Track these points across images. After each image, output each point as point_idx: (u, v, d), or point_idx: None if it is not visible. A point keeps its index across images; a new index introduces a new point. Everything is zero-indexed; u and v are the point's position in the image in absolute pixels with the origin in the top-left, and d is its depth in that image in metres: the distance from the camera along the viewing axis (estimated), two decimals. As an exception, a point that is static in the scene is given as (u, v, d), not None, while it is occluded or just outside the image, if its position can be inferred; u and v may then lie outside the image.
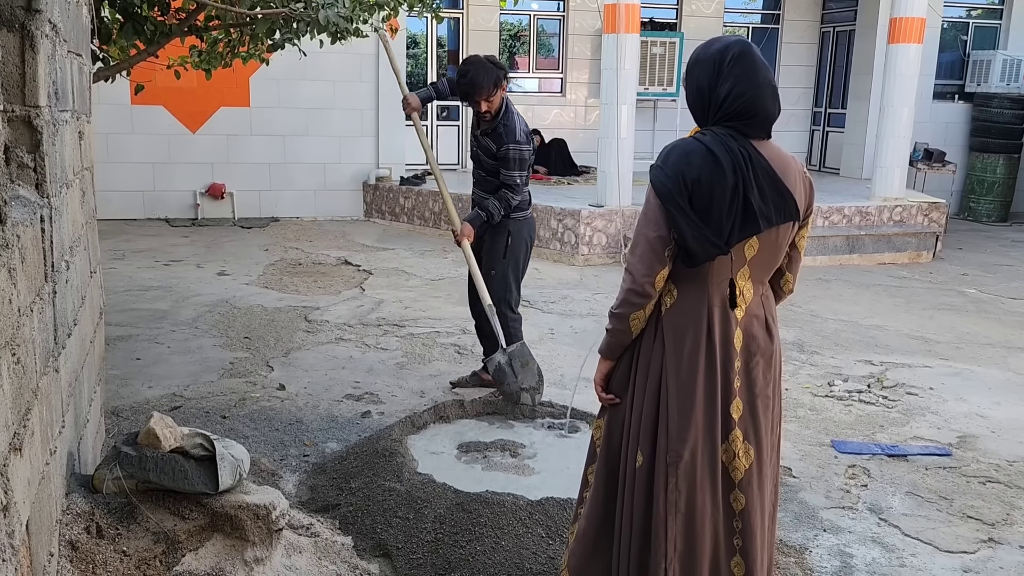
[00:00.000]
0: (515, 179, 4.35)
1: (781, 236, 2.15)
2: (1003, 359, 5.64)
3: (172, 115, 9.83)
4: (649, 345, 2.19)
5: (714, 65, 2.11)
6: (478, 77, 4.19)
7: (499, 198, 4.38)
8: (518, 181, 4.36)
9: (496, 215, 4.37)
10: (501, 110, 4.31)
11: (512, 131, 4.28)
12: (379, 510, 3.10)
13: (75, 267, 2.67)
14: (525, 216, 4.50)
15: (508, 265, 4.45)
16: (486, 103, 4.25)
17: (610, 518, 2.27)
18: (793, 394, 4.79)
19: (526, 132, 4.36)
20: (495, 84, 4.21)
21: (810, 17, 12.76)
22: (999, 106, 11.82)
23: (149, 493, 2.43)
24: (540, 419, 4.16)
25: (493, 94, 4.23)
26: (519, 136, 4.29)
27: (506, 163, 4.32)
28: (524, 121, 4.41)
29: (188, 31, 4.91)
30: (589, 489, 2.34)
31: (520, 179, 4.37)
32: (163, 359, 5.07)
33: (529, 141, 4.36)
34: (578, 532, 2.34)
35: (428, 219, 9.83)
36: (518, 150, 4.29)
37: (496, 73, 4.21)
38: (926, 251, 9.12)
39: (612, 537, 2.27)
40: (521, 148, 4.30)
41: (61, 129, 2.45)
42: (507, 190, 4.38)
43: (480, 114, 4.34)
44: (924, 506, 3.54)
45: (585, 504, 2.34)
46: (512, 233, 4.43)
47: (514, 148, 4.29)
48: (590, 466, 2.37)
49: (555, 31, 12.24)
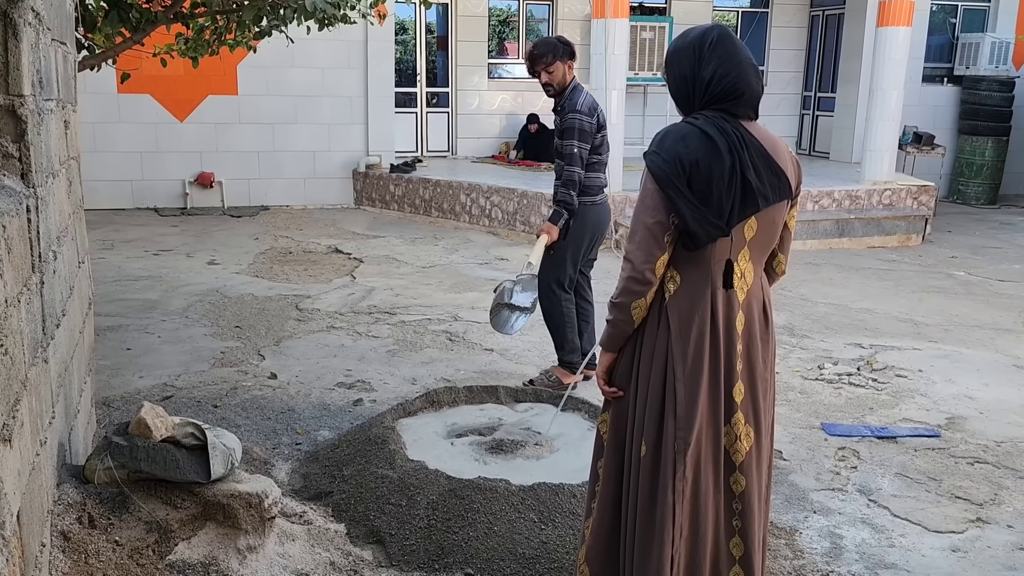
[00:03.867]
0: (572, 148, 4.24)
1: (777, 215, 2.16)
2: (991, 341, 5.68)
3: (159, 104, 9.76)
4: (653, 333, 2.16)
5: (694, 51, 2.11)
6: (538, 47, 4.33)
7: (563, 181, 4.29)
8: (574, 150, 4.23)
9: (569, 199, 4.27)
10: (568, 88, 4.34)
11: (574, 103, 4.28)
12: (372, 497, 3.11)
13: (63, 257, 2.65)
14: (593, 201, 4.41)
15: (567, 247, 4.39)
16: (546, 74, 4.30)
17: (621, 510, 2.28)
18: (784, 377, 4.81)
19: (590, 105, 4.31)
20: (554, 55, 4.27)
21: (799, 1, 12.74)
22: (988, 89, 11.85)
23: (141, 483, 2.43)
24: (530, 403, 4.18)
25: (552, 64, 4.28)
26: (580, 106, 4.26)
27: (565, 133, 4.26)
28: (593, 99, 4.36)
29: (174, 18, 4.87)
30: (599, 483, 2.34)
31: (575, 149, 4.23)
32: (154, 349, 5.06)
33: (592, 115, 4.30)
34: (593, 526, 2.33)
35: (419, 207, 9.81)
36: (577, 118, 4.24)
37: (557, 46, 4.31)
38: (915, 234, 9.16)
39: None
40: (581, 117, 4.24)
41: (46, 118, 2.43)
42: (562, 162, 4.27)
43: (544, 87, 4.39)
44: (913, 487, 3.57)
45: (597, 498, 2.34)
46: (578, 214, 4.36)
47: (572, 116, 4.25)
48: (599, 460, 2.36)
49: (544, 16, 12.18)
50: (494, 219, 9.09)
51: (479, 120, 11.84)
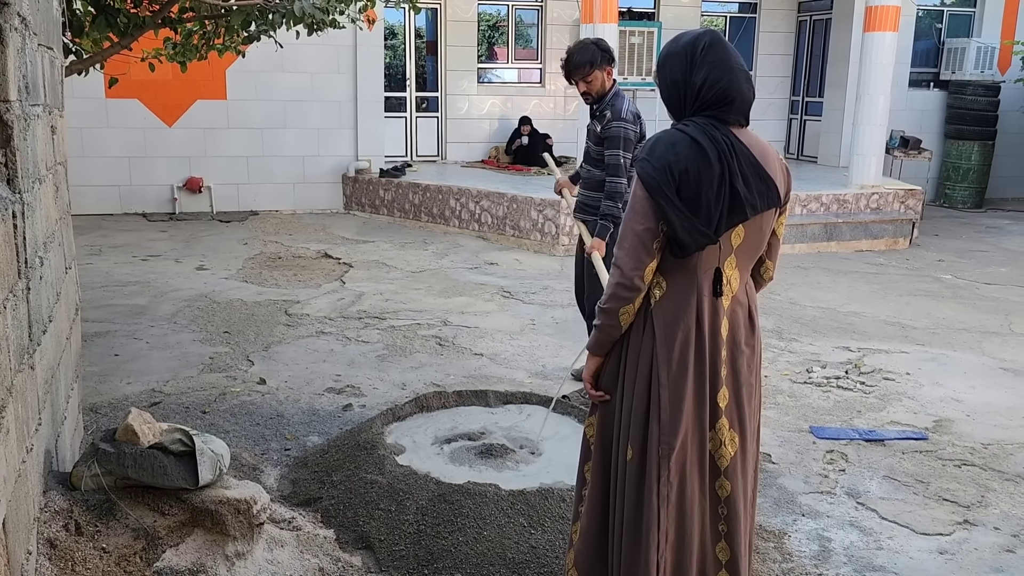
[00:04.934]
0: (618, 159, 4.16)
1: (764, 223, 2.17)
2: (978, 344, 5.72)
3: (148, 108, 9.72)
4: (638, 338, 2.18)
5: (686, 56, 2.12)
6: (574, 55, 4.22)
7: (607, 193, 4.19)
8: (619, 160, 4.15)
9: (616, 212, 4.16)
10: (608, 94, 4.25)
11: (618, 111, 4.18)
12: (361, 503, 3.10)
13: (49, 263, 2.64)
14: None
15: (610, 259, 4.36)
16: (584, 83, 4.21)
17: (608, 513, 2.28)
18: (772, 381, 4.83)
19: (634, 113, 4.21)
20: (592, 64, 4.16)
21: (787, 6, 12.81)
22: (973, 93, 11.93)
23: (128, 489, 2.42)
24: (518, 405, 4.18)
25: (589, 73, 4.18)
26: (625, 114, 4.17)
27: (610, 142, 4.17)
28: (635, 106, 4.29)
29: (162, 23, 4.86)
30: (587, 487, 2.34)
31: (624, 160, 4.15)
32: (142, 355, 5.04)
33: (636, 123, 4.22)
34: (582, 531, 2.34)
35: (408, 211, 9.81)
36: (622, 127, 4.15)
37: (596, 54, 4.18)
38: (903, 238, 9.22)
39: None
40: (626, 126, 4.15)
41: (32, 124, 2.42)
42: (611, 176, 4.18)
43: (583, 95, 4.30)
44: (901, 490, 3.59)
45: (584, 502, 2.34)
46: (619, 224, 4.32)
47: (617, 125, 4.15)
48: (586, 463, 2.37)
49: (533, 21, 12.21)
50: (484, 223, 9.10)
51: (468, 124, 11.85)
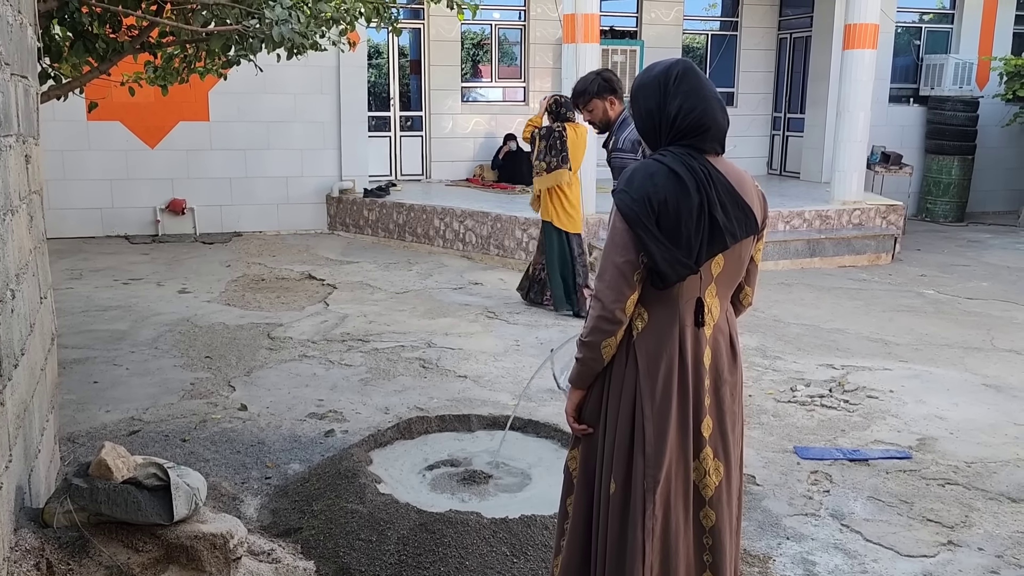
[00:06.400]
0: None
1: (743, 250, 2.17)
2: (960, 360, 5.74)
3: (130, 131, 9.69)
4: (621, 371, 2.15)
5: (659, 86, 2.12)
6: (577, 85, 4.40)
7: None
8: None
9: None
10: (615, 122, 4.35)
11: (619, 140, 4.31)
12: (341, 533, 3.07)
13: (22, 295, 2.61)
14: None
15: None
16: (586, 111, 4.35)
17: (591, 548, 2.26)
18: (756, 400, 4.82)
19: (634, 141, 4.28)
20: (588, 93, 4.29)
21: (767, 24, 12.94)
22: (952, 109, 12.06)
23: (101, 526, 2.37)
24: (503, 432, 4.15)
25: (588, 102, 4.31)
26: (623, 144, 4.29)
27: (613, 172, 4.31)
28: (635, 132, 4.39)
29: (141, 48, 4.84)
30: (568, 521, 2.32)
31: None
32: (121, 381, 4.98)
33: (635, 150, 4.29)
34: (563, 564, 2.31)
35: (392, 231, 9.79)
36: (619, 158, 4.28)
37: (592, 82, 4.31)
38: (885, 253, 9.27)
39: None
40: (623, 157, 4.26)
41: (4, 155, 2.40)
42: None
43: (590, 123, 4.44)
44: (885, 510, 3.58)
45: (566, 535, 2.32)
46: None
47: (616, 157, 4.28)
48: (568, 497, 2.34)
49: (517, 40, 12.27)
50: (468, 243, 9.09)
51: (453, 143, 11.87)
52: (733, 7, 12.96)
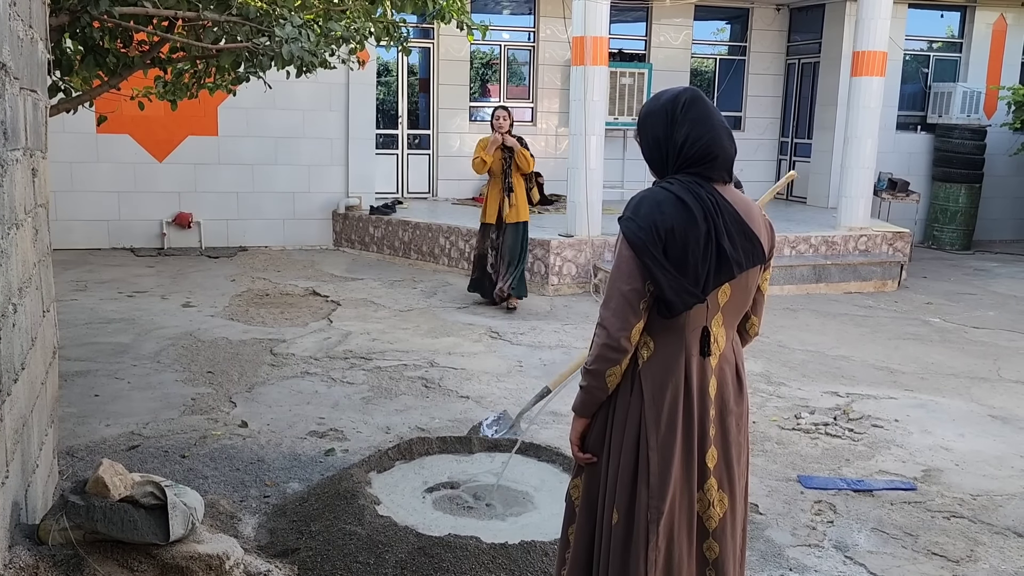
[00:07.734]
0: None
1: (750, 280, 2.14)
2: (967, 389, 5.69)
3: (138, 144, 9.73)
4: (626, 400, 2.13)
5: (667, 114, 2.11)
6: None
7: None
8: None
9: None
10: None
11: None
12: (339, 555, 3.03)
13: (24, 309, 2.60)
14: None
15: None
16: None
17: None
18: (760, 427, 4.78)
19: None
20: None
21: (776, 49, 12.97)
22: (960, 137, 12.07)
23: (97, 544, 2.35)
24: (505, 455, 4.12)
25: None
26: None
27: None
28: None
29: (151, 63, 4.86)
30: (570, 550, 2.28)
31: None
32: (123, 395, 4.96)
33: None
34: None
35: (398, 249, 9.79)
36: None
37: None
38: (891, 280, 9.24)
39: None
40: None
41: (11, 169, 2.40)
42: None
43: None
44: (889, 543, 3.54)
45: (567, 565, 2.29)
46: None
47: None
48: (570, 526, 2.31)
49: (526, 60, 12.32)
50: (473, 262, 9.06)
51: (460, 162, 11.88)
52: (742, 32, 13.01)
